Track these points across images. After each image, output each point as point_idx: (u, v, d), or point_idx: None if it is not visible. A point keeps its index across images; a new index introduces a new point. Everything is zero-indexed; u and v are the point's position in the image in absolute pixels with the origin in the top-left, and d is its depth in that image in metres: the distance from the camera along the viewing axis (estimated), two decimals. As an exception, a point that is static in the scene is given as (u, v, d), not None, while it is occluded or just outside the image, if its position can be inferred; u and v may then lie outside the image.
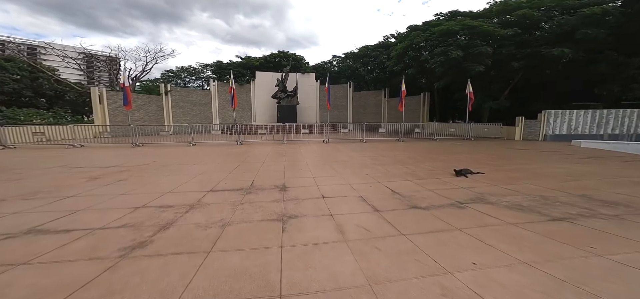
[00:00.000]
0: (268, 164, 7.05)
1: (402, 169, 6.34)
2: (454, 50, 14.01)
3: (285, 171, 6.19)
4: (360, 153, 9.15)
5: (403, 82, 13.73)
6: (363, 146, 11.38)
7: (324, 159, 7.96)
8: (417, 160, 7.62)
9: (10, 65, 20.69)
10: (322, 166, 6.83)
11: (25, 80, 21.08)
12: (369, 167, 6.60)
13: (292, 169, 6.36)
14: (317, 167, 6.66)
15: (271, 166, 6.76)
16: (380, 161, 7.52)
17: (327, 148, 10.80)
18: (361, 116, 28.83)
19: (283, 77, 26.55)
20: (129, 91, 11.29)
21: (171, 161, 7.57)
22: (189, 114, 25.32)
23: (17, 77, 21.37)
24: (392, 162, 7.22)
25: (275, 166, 6.84)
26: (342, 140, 13.78)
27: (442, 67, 15.01)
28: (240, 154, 9.08)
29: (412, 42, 18.60)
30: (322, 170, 6.27)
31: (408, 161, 7.38)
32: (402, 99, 13.81)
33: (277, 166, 6.82)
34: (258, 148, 10.89)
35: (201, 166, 6.79)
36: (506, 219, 3.21)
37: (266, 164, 7.06)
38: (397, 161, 7.39)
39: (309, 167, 6.64)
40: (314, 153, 9.27)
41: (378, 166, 6.65)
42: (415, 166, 6.73)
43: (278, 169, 6.42)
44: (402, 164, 7.01)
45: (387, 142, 13.17)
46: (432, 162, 7.18)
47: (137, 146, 11.53)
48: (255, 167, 6.60)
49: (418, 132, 13.86)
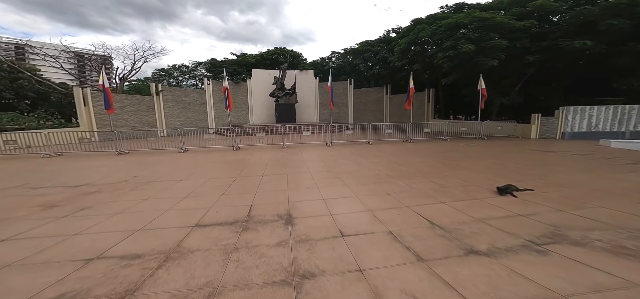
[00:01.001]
0: (268, 179, 6.04)
1: (427, 183, 5.36)
2: (464, 44, 13.03)
3: (289, 189, 5.19)
4: (370, 160, 8.17)
5: (411, 78, 12.73)
6: (370, 150, 10.40)
7: (332, 169, 6.96)
8: (439, 169, 6.65)
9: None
10: (331, 180, 5.84)
11: (4, 81, 19.66)
12: (387, 181, 5.62)
13: (296, 187, 5.35)
14: (325, 182, 5.67)
15: (272, 182, 5.75)
16: (397, 171, 6.55)
17: (332, 153, 9.80)
18: (362, 113, 27.86)
19: (281, 75, 25.40)
20: (110, 92, 10.14)
21: (155, 175, 6.51)
22: (182, 114, 24.11)
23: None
24: (412, 173, 6.25)
25: (276, 181, 5.83)
26: (346, 142, 12.79)
27: (451, 62, 14.03)
28: (236, 164, 8.04)
29: (416, 36, 17.59)
30: (332, 187, 5.27)
31: (430, 171, 6.42)
32: (409, 97, 12.83)
33: (279, 181, 5.81)
34: (256, 155, 9.86)
35: (189, 183, 5.75)
36: (627, 276, 2.24)
37: (266, 179, 6.04)
38: (418, 172, 6.42)
39: (316, 182, 5.64)
40: (319, 161, 8.26)
41: (397, 180, 5.67)
42: (441, 178, 5.76)
43: (280, 186, 5.41)
44: (423, 175, 6.04)
45: (395, 144, 12.21)
46: (458, 172, 6.21)
47: (121, 154, 10.42)
48: (253, 184, 5.58)
49: (428, 132, 12.92)
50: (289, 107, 24.65)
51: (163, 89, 22.80)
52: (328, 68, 32.86)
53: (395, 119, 24.74)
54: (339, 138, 13.40)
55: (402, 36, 23.16)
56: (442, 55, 14.32)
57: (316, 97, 28.57)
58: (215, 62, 28.57)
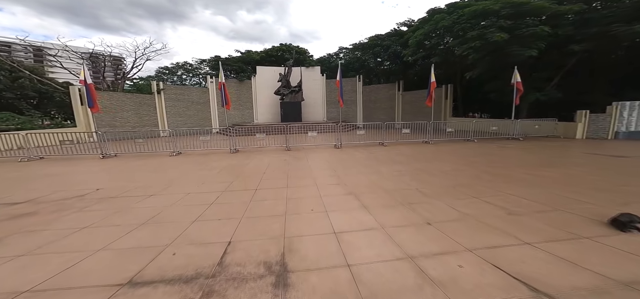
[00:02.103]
0: (262, 195, 4.70)
1: (482, 206, 3.86)
2: (495, 33, 11.28)
3: (287, 213, 3.82)
4: (390, 167, 6.69)
5: (433, 72, 11.10)
6: (387, 153, 8.91)
7: (343, 181, 5.54)
8: (487, 182, 5.10)
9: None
10: (344, 198, 4.43)
11: (4, 81, 19.26)
12: (421, 200, 4.16)
13: (297, 209, 3.98)
14: (336, 201, 4.26)
15: (266, 200, 4.40)
16: (429, 184, 5.06)
17: (342, 158, 8.38)
18: (371, 111, 26.25)
19: (286, 72, 24.16)
20: (94, 89, 9.10)
21: (124, 187, 5.29)
22: (184, 114, 23.25)
23: None
24: (451, 188, 4.75)
25: (272, 199, 4.47)
26: (357, 144, 11.33)
27: (477, 53, 12.28)
28: (228, 171, 6.76)
29: (435, 26, 15.85)
30: (346, 211, 3.86)
31: (475, 185, 4.89)
32: (430, 92, 11.21)
33: (275, 199, 4.45)
34: (255, 159, 8.57)
35: (160, 200, 4.48)
36: None
37: (260, 195, 4.70)
38: (458, 185, 4.90)
39: (324, 202, 4.24)
40: (327, 168, 6.86)
41: (435, 199, 4.19)
42: (498, 196, 4.24)
43: (276, 208, 4.05)
44: (470, 191, 4.53)
45: (414, 146, 10.64)
46: (517, 187, 4.65)
47: (107, 157, 9.36)
48: (240, 204, 4.24)
49: (451, 131, 11.27)
50: (294, 105, 23.37)
51: (165, 87, 21.96)
52: (336, 64, 31.31)
53: (409, 117, 23.00)
54: (348, 139, 11.95)
55: (415, 29, 21.39)
56: (467, 46, 12.59)
57: (323, 94, 27.17)
58: (219, 59, 27.58)
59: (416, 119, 22.63)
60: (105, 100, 18.35)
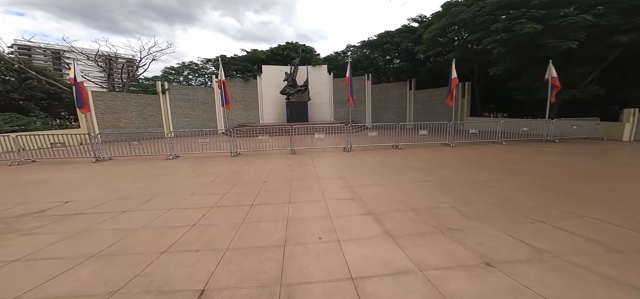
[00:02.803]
0: (258, 213, 3.80)
1: (560, 237, 2.81)
2: (525, 24, 10.02)
3: (287, 241, 2.90)
4: (411, 175, 5.67)
5: (453, 67, 9.93)
6: (404, 158, 7.87)
7: (358, 194, 4.58)
8: (548, 201, 4.01)
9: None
10: (362, 221, 3.47)
11: (12, 82, 19.33)
12: (465, 227, 3.15)
13: (301, 236, 3.05)
14: (351, 227, 3.31)
15: (263, 221, 3.50)
16: (467, 200, 4.02)
17: (353, 163, 7.40)
18: (381, 111, 25.09)
19: (292, 71, 23.35)
20: (84, 89, 8.50)
21: (97, 200, 4.51)
22: (190, 114, 22.81)
23: (7, 79, 19.69)
24: (498, 205, 3.70)
25: (269, 220, 3.57)
26: (368, 147, 10.32)
27: (504, 47, 11.02)
28: (224, 179, 5.91)
29: (452, 20, 14.59)
30: (366, 241, 2.91)
31: (536, 205, 3.81)
32: (451, 90, 10.06)
33: (274, 220, 3.55)
34: (256, 164, 7.72)
35: (133, 218, 3.66)
36: None
37: (255, 213, 3.81)
38: (507, 201, 3.85)
39: (336, 227, 3.30)
40: (337, 177, 5.91)
41: (484, 225, 3.18)
42: (574, 221, 3.17)
43: (273, 233, 3.14)
44: (532, 213, 3.47)
45: (433, 149, 9.53)
46: (595, 208, 3.56)
47: (101, 161, 8.75)
48: (230, 225, 3.36)
49: (474, 133, 10.09)
50: (301, 105, 22.52)
51: (169, 87, 21.57)
52: (343, 63, 30.27)
53: (421, 117, 21.73)
54: (359, 141, 10.95)
55: (428, 24, 20.14)
56: (491, 40, 11.34)
57: (330, 94, 26.22)
58: (224, 58, 27.11)
59: (429, 119, 21.37)
60: (109, 100, 18.07)
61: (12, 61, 19.25)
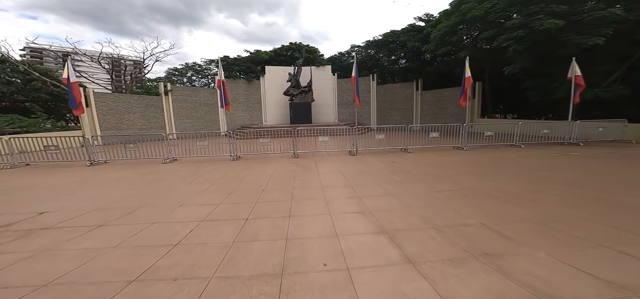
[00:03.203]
0: (254, 230, 3.28)
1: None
2: (544, 19, 9.34)
3: (285, 269, 2.37)
4: (429, 185, 5.07)
5: (467, 65, 9.28)
6: (415, 163, 7.27)
7: (369, 209, 4.02)
8: (609, 218, 3.40)
9: (1, 66, 19.01)
10: (375, 243, 2.91)
11: (17, 84, 19.38)
12: (507, 252, 2.55)
13: (302, 262, 2.51)
14: (363, 251, 2.76)
15: (258, 240, 2.97)
16: (504, 218, 3.42)
17: (361, 169, 6.84)
18: (386, 112, 24.44)
19: (295, 71, 22.94)
20: (78, 89, 8.15)
21: (75, 211, 4.05)
22: (192, 115, 22.56)
23: (12, 80, 19.75)
24: (544, 225, 3.09)
25: (266, 239, 3.04)
26: (375, 150, 9.74)
27: (520, 44, 10.33)
28: (220, 187, 5.42)
29: (462, 17, 13.92)
30: (381, 270, 2.35)
31: (591, 224, 3.20)
32: (465, 90, 9.41)
33: (271, 239, 3.02)
34: (256, 169, 7.23)
35: (108, 233, 3.17)
36: None
37: (250, 230, 3.28)
38: (554, 220, 3.23)
39: (344, 249, 2.75)
40: (344, 187, 5.35)
41: (530, 249, 2.58)
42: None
43: (269, 256, 2.61)
44: (593, 235, 2.86)
45: (446, 152, 8.90)
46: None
47: (95, 165, 8.38)
48: (219, 245, 2.84)
49: (490, 135, 9.41)
50: (304, 106, 22.06)
51: (172, 88, 21.36)
52: (347, 63, 29.71)
53: (428, 118, 21.03)
54: (365, 143, 10.37)
55: (436, 22, 19.49)
56: (506, 37, 10.67)
57: (334, 95, 25.71)
58: (228, 59, 26.87)
59: (437, 121, 20.63)
60: (111, 102, 17.91)
61: (17, 63, 19.26)
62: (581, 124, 9.03)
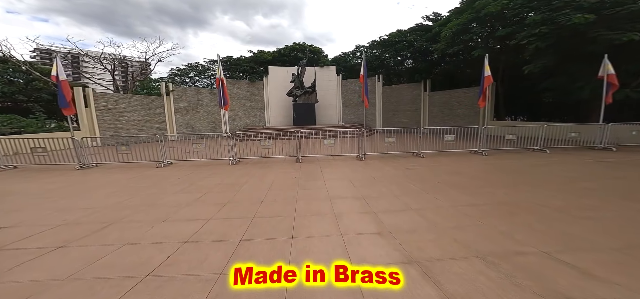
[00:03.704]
0: (246, 256, 2.60)
1: None
2: (571, 14, 8.57)
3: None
4: (453, 197, 4.35)
5: (486, 64, 8.52)
6: (433, 170, 6.54)
7: (388, 228, 3.32)
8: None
9: (3, 66, 18.84)
10: (408, 287, 2.21)
11: (18, 84, 19.19)
12: (594, 296, 1.84)
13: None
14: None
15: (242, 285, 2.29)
16: (572, 246, 2.67)
17: (372, 176, 6.15)
18: (392, 114, 23.66)
19: (299, 72, 22.38)
20: (67, 87, 7.63)
21: (39, 226, 3.43)
22: (194, 116, 22.12)
23: (13, 80, 19.58)
24: (626, 254, 2.36)
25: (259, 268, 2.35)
26: (384, 155, 9.02)
27: (543, 41, 9.55)
28: (213, 197, 4.78)
29: (476, 15, 13.17)
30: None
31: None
32: (483, 90, 8.65)
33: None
34: (256, 175, 6.59)
35: (66, 257, 2.53)
36: None
37: (241, 255, 2.61)
38: (631, 243, 2.50)
39: (365, 295, 2.05)
40: (355, 198, 4.66)
41: (629, 291, 1.85)
42: None
43: None
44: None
45: (462, 157, 8.15)
46: None
47: (85, 168, 7.83)
48: (203, 276, 2.17)
49: (512, 139, 8.62)
50: (308, 107, 21.42)
51: (174, 89, 20.95)
52: (352, 64, 29.05)
53: (437, 121, 20.21)
54: (373, 147, 9.66)
55: (446, 21, 18.77)
56: (527, 33, 9.90)
57: (339, 96, 25.06)
58: (231, 59, 26.49)
59: (446, 123, 19.77)
60: (111, 102, 17.53)
61: (18, 63, 19.08)
62: (613, 127, 8.19)
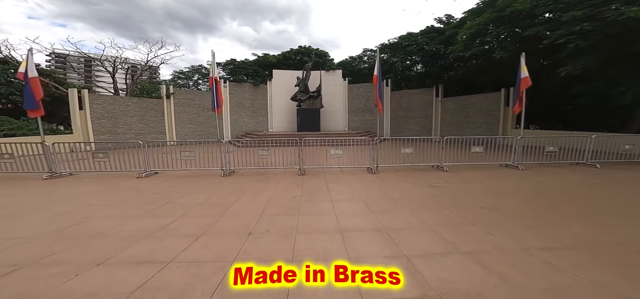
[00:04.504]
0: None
1: None
2: (624, 8, 7.35)
3: None
4: (507, 228, 3.10)
5: (523, 63, 7.29)
6: (466, 190, 5.31)
7: (436, 292, 2.10)
8: None
9: (3, 67, 18.44)
10: None
11: (16, 84, 18.71)
12: None
13: None
14: None
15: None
16: None
17: (391, 197, 4.95)
18: (401, 121, 22.43)
19: (304, 76, 21.46)
20: (38, 85, 6.74)
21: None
22: (195, 120, 21.32)
23: (12, 81, 19.15)
24: None
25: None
26: (399, 167, 7.82)
27: (586, 40, 8.31)
28: (188, 224, 3.64)
29: (499, 14, 11.93)
30: None
31: None
32: (519, 95, 7.41)
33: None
34: (249, 192, 5.46)
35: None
36: None
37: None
38: None
39: None
40: (374, 231, 3.46)
41: None
42: None
43: None
44: None
45: (492, 171, 6.88)
46: None
47: (56, 177, 6.86)
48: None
49: (553, 151, 7.33)
50: (312, 112, 20.39)
51: (175, 91, 20.23)
52: (358, 68, 28.03)
53: (451, 129, 18.87)
54: (384, 157, 8.41)
55: (460, 23, 17.64)
56: (565, 31, 8.67)
57: (345, 101, 24.02)
58: (234, 62, 25.80)
59: (461, 131, 18.39)
60: (107, 104, 16.84)
61: (18, 64, 18.68)
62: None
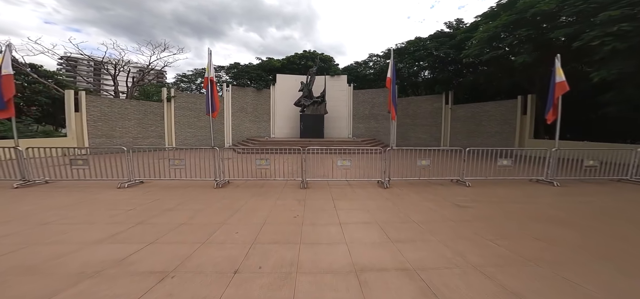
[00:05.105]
0: None
1: None
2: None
3: None
4: (596, 281, 2.22)
5: (558, 65, 6.39)
6: (505, 211, 4.40)
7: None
8: None
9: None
10: None
11: (17, 85, 18.47)
12: None
13: None
14: None
15: None
16: None
17: (412, 220, 4.06)
18: (408, 129, 21.52)
19: (308, 81, 20.84)
20: (11, 81, 6.09)
21: None
22: (195, 125, 20.72)
23: (13, 82, 18.90)
24: None
25: None
26: (415, 182, 6.93)
27: (623, 41, 7.45)
28: (153, 255, 2.78)
29: (520, 15, 11.07)
30: None
31: None
32: (554, 102, 6.50)
33: None
34: (243, 210, 4.63)
35: None
36: None
37: None
38: None
39: None
40: (399, 271, 2.57)
41: None
42: None
43: None
44: None
45: (522, 187, 5.95)
46: None
47: (29, 186, 6.13)
48: None
49: (593, 166, 6.38)
50: (316, 118, 19.63)
51: (175, 95, 19.72)
52: (364, 74, 27.36)
53: (462, 138, 17.92)
54: (395, 169, 7.47)
55: (473, 27, 16.86)
56: (598, 32, 7.82)
57: (349, 107, 23.26)
58: (238, 66, 25.35)
59: (472, 140, 17.37)
60: (105, 107, 16.32)
61: (19, 65, 18.43)
62: None
